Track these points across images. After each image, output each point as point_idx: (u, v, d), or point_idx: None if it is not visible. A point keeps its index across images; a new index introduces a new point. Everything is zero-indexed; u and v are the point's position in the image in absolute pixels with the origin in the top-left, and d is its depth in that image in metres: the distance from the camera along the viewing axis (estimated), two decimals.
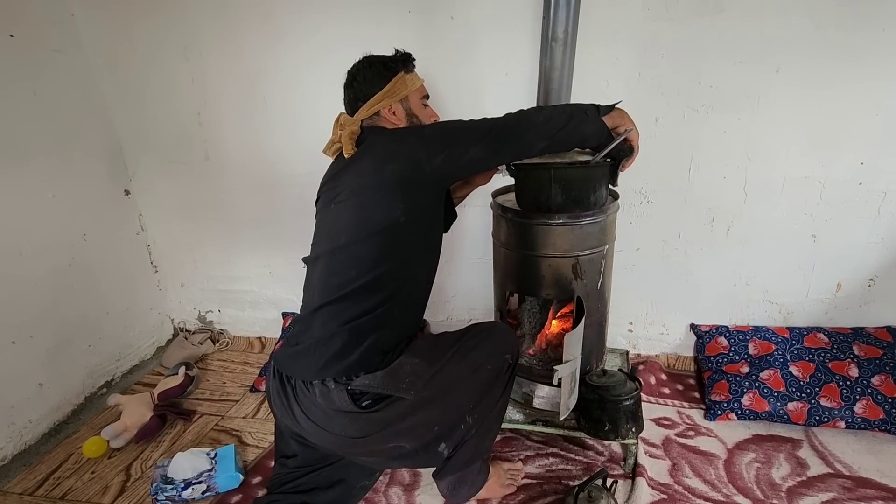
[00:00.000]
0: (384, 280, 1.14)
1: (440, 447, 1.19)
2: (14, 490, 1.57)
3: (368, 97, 1.21)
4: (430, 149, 1.11)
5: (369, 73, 1.21)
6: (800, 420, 1.56)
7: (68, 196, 1.85)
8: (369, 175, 1.14)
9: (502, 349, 1.23)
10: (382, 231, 1.12)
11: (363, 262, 1.14)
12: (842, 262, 1.66)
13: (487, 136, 1.13)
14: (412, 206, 1.13)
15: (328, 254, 1.19)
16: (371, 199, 1.13)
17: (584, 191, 1.31)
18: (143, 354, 2.19)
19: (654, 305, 1.88)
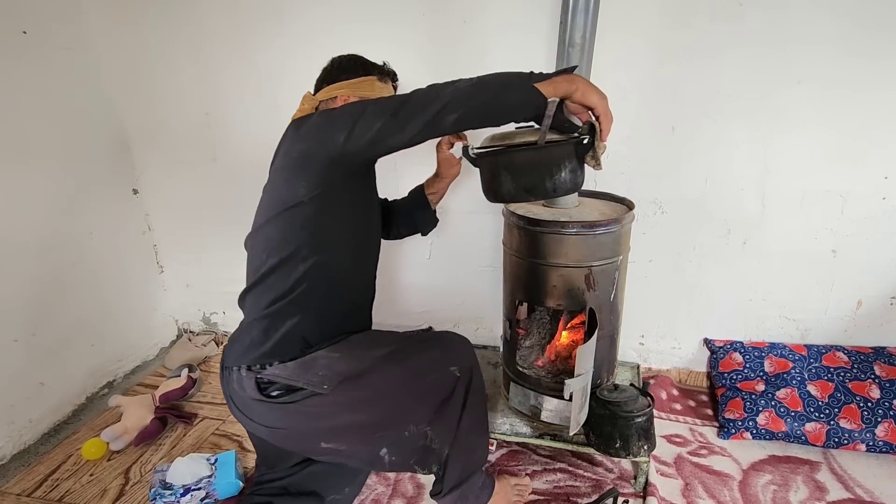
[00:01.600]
0: (294, 262, 1.12)
1: (381, 452, 1.15)
2: (12, 491, 1.54)
3: (334, 81, 1.21)
4: (335, 125, 1.04)
5: (347, 64, 1.23)
6: (818, 441, 1.51)
7: (76, 193, 1.84)
8: (282, 156, 1.14)
9: (449, 360, 1.19)
10: (287, 210, 1.10)
11: (273, 243, 1.13)
12: (863, 278, 1.61)
13: (394, 111, 1.00)
14: (316, 185, 1.08)
15: (249, 238, 1.22)
16: (279, 179, 1.14)
17: (536, 177, 1.10)
18: (146, 355, 2.17)
19: (667, 319, 1.83)
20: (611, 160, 1.65)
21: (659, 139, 1.60)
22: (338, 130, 1.03)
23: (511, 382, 1.57)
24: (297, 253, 1.12)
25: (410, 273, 1.99)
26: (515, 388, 1.56)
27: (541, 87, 0.97)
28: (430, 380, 1.16)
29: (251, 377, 1.12)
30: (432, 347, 1.21)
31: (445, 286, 1.97)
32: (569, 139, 1.07)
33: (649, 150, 1.62)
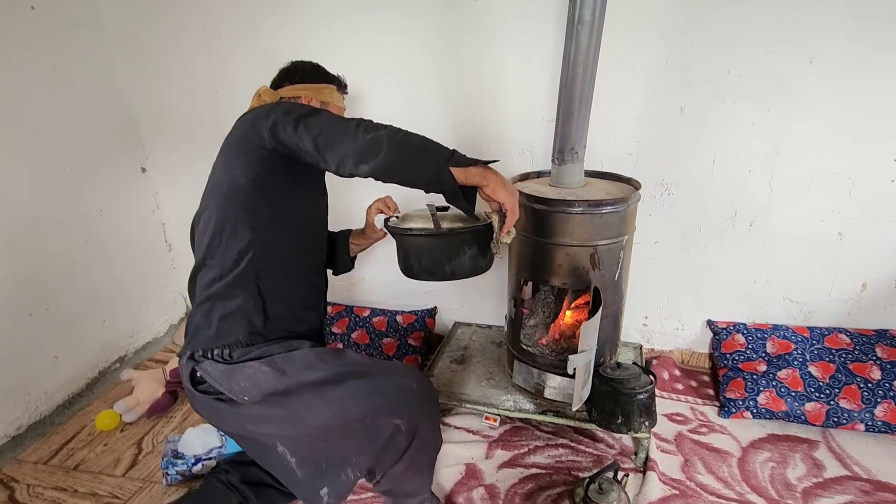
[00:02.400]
0: (231, 243, 1.12)
1: (322, 491, 1.13)
2: (29, 459, 1.59)
3: (297, 82, 1.28)
4: (273, 112, 1.07)
5: (309, 69, 1.31)
6: (817, 421, 1.53)
7: (86, 171, 1.86)
8: (224, 141, 1.18)
9: (394, 410, 1.07)
10: (225, 192, 1.12)
11: (212, 223, 1.13)
12: (868, 261, 1.61)
13: (322, 127, 1.02)
14: (251, 169, 1.10)
15: (192, 225, 1.23)
16: (220, 163, 1.17)
17: (435, 259, 1.18)
18: (156, 332, 2.21)
19: (671, 300, 1.84)
20: (618, 141, 1.65)
21: (667, 120, 1.59)
22: (273, 115, 1.06)
23: (515, 360, 1.59)
24: (234, 234, 1.11)
25: None
26: (519, 365, 1.58)
27: (455, 171, 1.01)
28: (366, 426, 1.06)
29: (188, 365, 1.12)
30: (380, 391, 1.06)
31: None
32: (467, 228, 1.15)
33: (657, 132, 1.61)
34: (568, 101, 1.35)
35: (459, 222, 1.16)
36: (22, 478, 1.52)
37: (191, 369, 1.12)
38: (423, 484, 1.23)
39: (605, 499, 1.24)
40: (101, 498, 1.43)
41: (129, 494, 1.44)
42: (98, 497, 1.44)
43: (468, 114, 1.74)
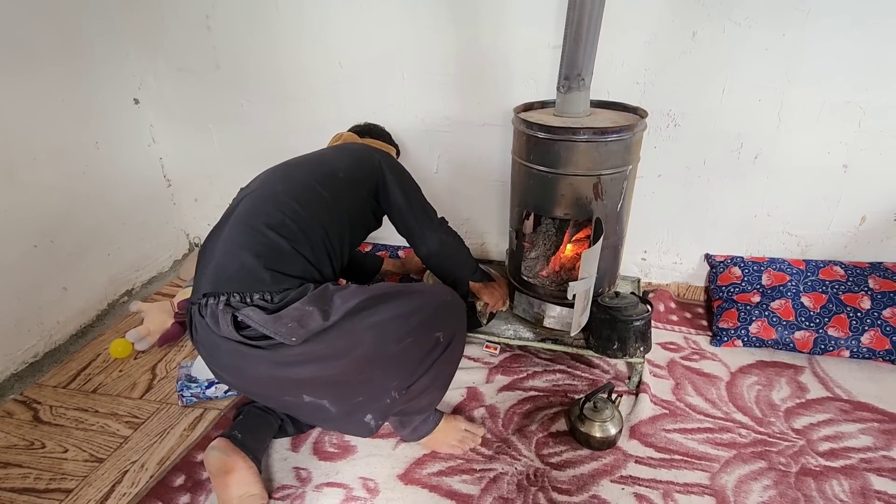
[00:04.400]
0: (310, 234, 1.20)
1: (366, 418, 1.12)
2: (48, 383, 1.66)
3: (376, 138, 1.64)
4: (385, 169, 1.38)
5: (382, 131, 1.70)
6: (805, 348, 1.59)
7: (77, 101, 1.81)
8: (345, 168, 1.34)
9: (435, 325, 1.13)
10: (320, 176, 1.28)
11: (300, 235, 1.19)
12: (870, 194, 1.61)
13: (423, 210, 1.43)
14: (351, 179, 1.33)
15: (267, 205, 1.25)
16: (336, 189, 1.29)
17: None
18: (161, 266, 2.24)
19: (671, 234, 1.86)
20: (626, 68, 1.60)
21: (678, 45, 1.53)
22: (387, 173, 1.38)
23: (516, 291, 1.63)
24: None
25: None
26: (520, 296, 1.62)
27: (472, 283, 1.55)
28: (409, 345, 1.09)
29: (227, 312, 1.03)
30: (419, 308, 1.10)
31: (452, 200, 1.98)
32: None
33: (667, 58, 1.56)
34: (577, 22, 1.29)
35: None
36: (44, 399, 1.59)
37: (231, 315, 1.03)
38: (436, 398, 1.26)
39: (600, 416, 1.32)
40: (122, 417, 1.51)
41: (148, 414, 1.52)
42: (118, 417, 1.52)
43: (473, 39, 1.67)
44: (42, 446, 1.42)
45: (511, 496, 1.22)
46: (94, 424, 1.49)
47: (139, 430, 1.47)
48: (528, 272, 1.62)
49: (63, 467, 1.36)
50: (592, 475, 1.27)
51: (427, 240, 1.41)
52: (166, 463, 1.35)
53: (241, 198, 1.25)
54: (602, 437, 1.31)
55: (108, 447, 1.41)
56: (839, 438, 1.33)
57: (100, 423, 1.50)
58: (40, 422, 1.51)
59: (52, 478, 1.33)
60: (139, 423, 1.49)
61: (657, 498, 1.21)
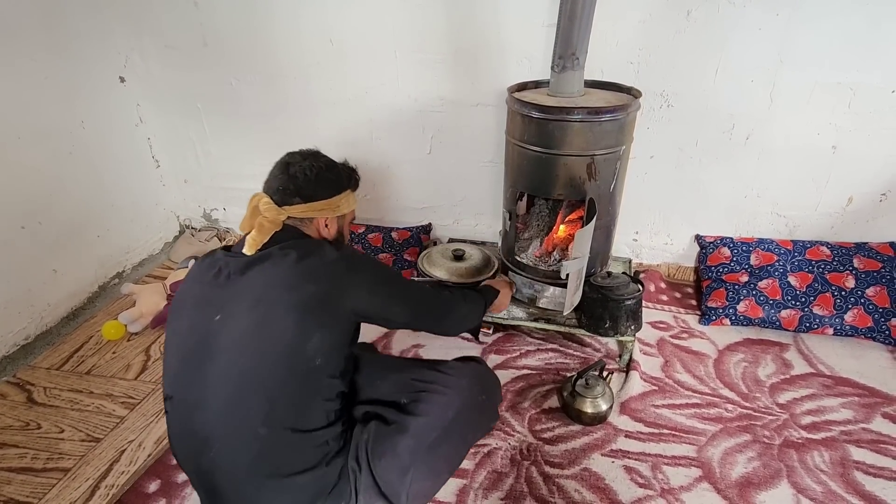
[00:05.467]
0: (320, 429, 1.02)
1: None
2: (41, 365, 1.66)
3: (311, 199, 1.03)
4: (358, 292, 0.98)
5: (322, 175, 1.05)
6: (790, 326, 1.63)
7: (61, 80, 1.76)
8: (285, 289, 0.93)
9: (478, 398, 1.24)
10: (299, 369, 0.96)
11: (282, 411, 0.97)
12: (857, 175, 1.64)
13: (440, 315, 1.22)
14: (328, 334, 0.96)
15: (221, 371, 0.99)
16: (280, 315, 0.93)
17: None
18: (152, 249, 2.22)
19: (662, 215, 1.88)
20: (620, 49, 1.59)
21: (672, 25, 1.53)
22: (360, 302, 0.99)
23: (509, 272, 1.64)
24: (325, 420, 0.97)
25: (410, 168, 1.98)
26: (513, 276, 1.63)
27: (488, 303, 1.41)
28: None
29: None
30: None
31: (446, 182, 1.98)
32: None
33: (661, 38, 1.55)
34: (572, 0, 1.28)
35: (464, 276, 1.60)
36: (37, 381, 1.59)
37: None
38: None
39: (591, 393, 1.35)
40: (117, 398, 1.52)
41: (144, 395, 1.52)
42: (114, 398, 1.52)
43: (467, 18, 1.64)
44: (38, 427, 1.43)
45: (505, 470, 1.25)
46: (90, 405, 1.49)
47: (135, 410, 1.47)
48: (521, 253, 1.63)
49: (60, 447, 1.36)
50: (583, 449, 1.30)
51: (445, 331, 1.34)
52: (164, 442, 1.36)
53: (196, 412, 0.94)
54: (593, 412, 1.34)
55: (104, 427, 1.42)
56: (821, 412, 1.38)
57: (95, 403, 1.50)
58: (35, 403, 1.51)
59: (50, 457, 1.34)
60: (135, 404, 1.49)
61: (646, 470, 1.24)
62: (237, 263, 0.96)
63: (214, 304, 0.94)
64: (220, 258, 0.99)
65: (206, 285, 0.97)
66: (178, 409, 0.96)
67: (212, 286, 0.96)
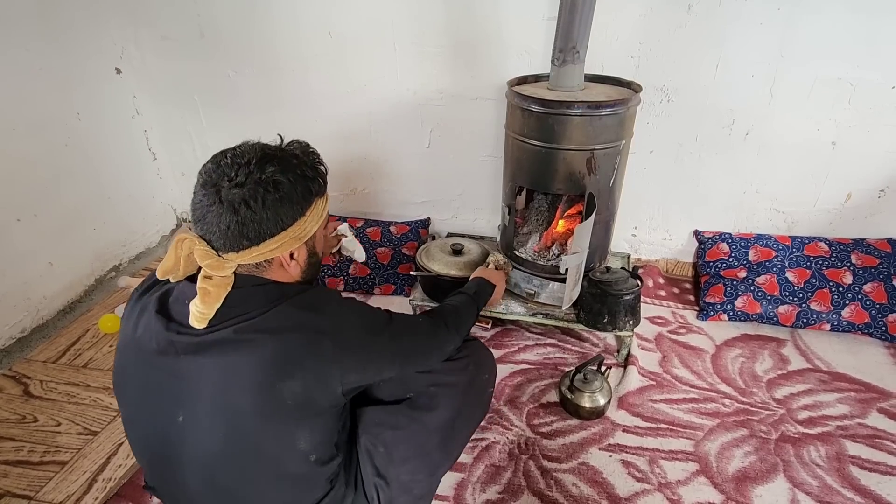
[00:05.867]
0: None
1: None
2: (38, 358, 1.65)
3: (263, 237, 0.76)
4: (345, 365, 0.79)
5: (273, 200, 0.75)
6: (788, 322, 1.63)
7: (56, 71, 1.75)
8: (247, 392, 0.74)
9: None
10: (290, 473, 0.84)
11: None
12: (856, 171, 1.64)
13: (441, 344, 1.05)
14: (315, 435, 0.82)
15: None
16: (257, 426, 0.76)
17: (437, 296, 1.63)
18: (149, 242, 2.20)
19: (661, 210, 1.87)
20: (620, 42, 1.59)
21: (674, 18, 1.52)
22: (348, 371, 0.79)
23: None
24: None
25: (409, 162, 1.97)
26: (512, 271, 1.63)
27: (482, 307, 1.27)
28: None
29: None
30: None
31: (445, 176, 1.97)
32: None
33: (662, 32, 1.54)
34: None
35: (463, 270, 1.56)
36: (34, 374, 1.58)
37: None
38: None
39: (589, 387, 1.35)
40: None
41: None
42: (111, 391, 1.51)
43: (466, 10, 1.63)
44: (34, 420, 1.42)
45: (503, 464, 1.26)
46: (87, 398, 1.49)
47: None
48: (519, 247, 1.63)
49: (56, 440, 1.36)
50: (581, 444, 1.31)
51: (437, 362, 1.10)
52: None
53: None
54: (591, 407, 1.34)
55: (101, 420, 1.41)
56: (817, 407, 1.38)
57: (92, 397, 1.49)
58: (31, 396, 1.50)
59: (46, 451, 1.33)
60: None
61: (643, 464, 1.25)
62: (185, 343, 0.74)
63: (168, 397, 0.76)
64: (158, 328, 0.76)
65: (151, 365, 0.77)
66: (166, 498, 0.89)
67: (159, 369, 0.76)
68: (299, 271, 0.85)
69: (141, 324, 0.79)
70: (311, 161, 0.83)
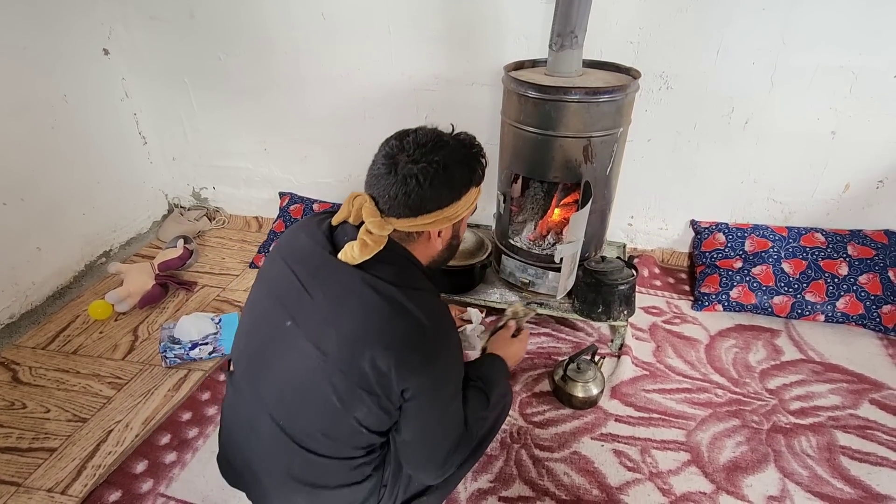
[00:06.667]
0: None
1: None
2: (27, 344, 1.63)
3: (422, 211, 0.84)
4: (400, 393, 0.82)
5: (439, 181, 0.83)
6: (782, 313, 1.63)
7: (41, 51, 1.70)
8: (342, 347, 0.80)
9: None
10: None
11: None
12: (855, 161, 1.62)
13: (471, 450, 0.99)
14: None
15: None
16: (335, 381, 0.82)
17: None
18: (139, 228, 2.17)
19: (658, 200, 1.86)
20: (620, 27, 1.55)
21: (674, 3, 1.48)
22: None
23: (502, 255, 1.63)
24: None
25: None
26: (507, 260, 1.62)
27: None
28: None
29: None
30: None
31: None
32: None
33: (662, 16, 1.51)
34: None
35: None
36: (22, 361, 1.56)
37: None
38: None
39: (583, 377, 1.34)
40: (104, 378, 1.50)
41: (131, 375, 1.51)
42: (101, 378, 1.50)
43: None
44: (23, 406, 1.41)
45: (495, 453, 1.25)
46: (76, 385, 1.48)
47: (122, 390, 1.46)
48: (514, 236, 1.61)
49: (45, 427, 1.35)
50: (573, 433, 1.30)
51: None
52: (151, 422, 1.35)
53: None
54: (584, 396, 1.34)
55: (91, 407, 1.40)
56: (810, 398, 1.39)
57: (81, 383, 1.48)
58: (20, 382, 1.49)
59: (35, 437, 1.32)
60: (122, 384, 1.48)
61: (635, 454, 1.25)
62: (328, 268, 0.84)
63: (289, 306, 0.85)
64: (319, 246, 0.86)
65: (292, 274, 0.86)
66: (235, 386, 0.94)
67: (299, 274, 0.85)
68: (439, 249, 0.94)
69: (308, 233, 0.90)
70: (476, 153, 0.90)
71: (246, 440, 0.92)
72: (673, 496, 1.16)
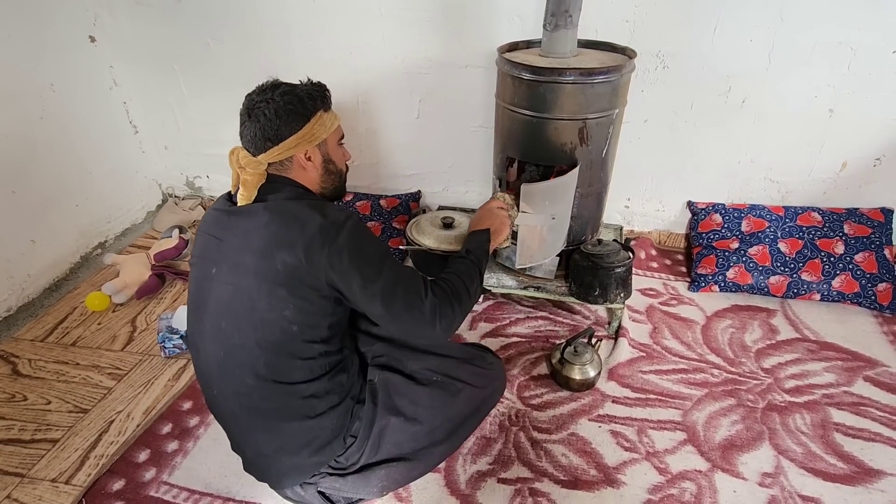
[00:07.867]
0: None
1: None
2: (25, 337, 1.64)
3: (280, 139, 0.96)
4: (361, 278, 0.93)
5: (282, 109, 0.95)
6: (778, 292, 1.64)
7: (26, 38, 1.67)
8: (262, 257, 0.91)
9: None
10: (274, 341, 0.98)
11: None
12: (853, 139, 1.61)
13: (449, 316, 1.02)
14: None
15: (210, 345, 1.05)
16: (263, 292, 0.93)
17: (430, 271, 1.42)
18: (134, 218, 2.16)
19: (655, 181, 1.85)
20: (615, 6, 1.53)
21: None
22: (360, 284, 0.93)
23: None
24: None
25: (398, 133, 1.93)
26: (502, 247, 1.61)
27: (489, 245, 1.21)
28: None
29: (312, 489, 1.05)
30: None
31: (435, 147, 1.93)
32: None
33: None
34: None
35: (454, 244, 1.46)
36: (21, 353, 1.57)
37: (318, 491, 1.06)
38: None
39: (580, 360, 1.35)
40: (104, 370, 1.50)
41: (131, 366, 1.51)
42: (100, 369, 1.51)
43: None
44: (24, 398, 1.42)
45: (493, 436, 1.27)
46: (76, 377, 1.48)
47: (122, 381, 1.46)
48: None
49: (47, 418, 1.36)
50: (571, 415, 1.32)
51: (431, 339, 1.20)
52: (152, 412, 1.36)
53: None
54: (581, 379, 1.35)
55: (91, 398, 1.41)
56: (805, 376, 1.40)
57: (81, 375, 1.49)
58: (20, 375, 1.49)
59: (38, 429, 1.33)
60: (122, 375, 1.48)
61: (632, 434, 1.26)
62: (234, 216, 0.97)
63: (210, 258, 0.98)
64: (224, 208, 1.00)
65: (208, 236, 1.00)
66: (191, 347, 1.04)
67: (210, 239, 0.99)
68: (317, 174, 1.04)
69: (216, 206, 1.02)
70: (315, 83, 1.02)
71: (213, 396, 1.02)
72: (669, 475, 1.17)
